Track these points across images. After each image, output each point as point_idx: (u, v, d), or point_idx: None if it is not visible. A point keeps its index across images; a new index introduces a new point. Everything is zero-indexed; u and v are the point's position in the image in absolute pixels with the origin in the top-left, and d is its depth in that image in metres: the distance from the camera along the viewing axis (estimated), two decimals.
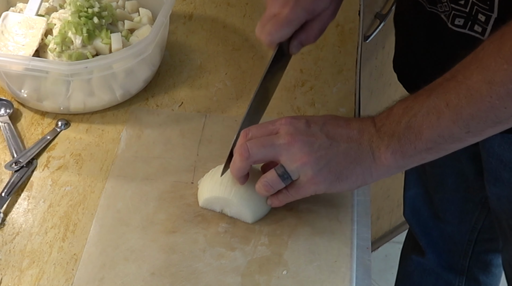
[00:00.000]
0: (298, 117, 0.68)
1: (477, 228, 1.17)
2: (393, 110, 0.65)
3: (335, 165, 0.65)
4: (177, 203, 0.74)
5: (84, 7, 0.85)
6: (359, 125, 0.66)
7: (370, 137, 0.65)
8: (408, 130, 0.63)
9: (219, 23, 1.01)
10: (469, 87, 0.58)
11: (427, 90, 0.63)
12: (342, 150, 0.65)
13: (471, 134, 0.61)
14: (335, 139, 0.66)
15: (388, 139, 0.64)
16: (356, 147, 0.65)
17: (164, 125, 0.85)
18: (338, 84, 0.90)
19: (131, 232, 0.72)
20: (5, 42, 0.85)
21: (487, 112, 0.58)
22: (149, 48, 0.82)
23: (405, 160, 0.64)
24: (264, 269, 0.68)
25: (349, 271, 0.68)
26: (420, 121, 0.62)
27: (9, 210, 0.75)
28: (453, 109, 0.60)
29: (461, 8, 0.71)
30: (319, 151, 0.65)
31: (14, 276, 0.69)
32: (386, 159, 0.64)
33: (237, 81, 0.91)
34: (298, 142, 0.65)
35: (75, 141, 0.83)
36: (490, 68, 0.57)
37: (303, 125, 0.67)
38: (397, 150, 0.63)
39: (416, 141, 0.62)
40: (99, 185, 0.77)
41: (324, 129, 0.66)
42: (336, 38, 0.98)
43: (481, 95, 0.58)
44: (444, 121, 0.60)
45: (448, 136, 0.61)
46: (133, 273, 0.68)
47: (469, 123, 0.60)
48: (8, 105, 0.87)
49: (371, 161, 0.65)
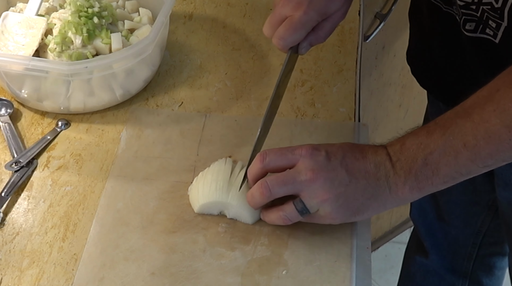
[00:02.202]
0: (318, 148, 0.67)
1: (483, 231, 1.17)
2: (406, 145, 0.65)
3: (353, 201, 0.66)
4: (177, 203, 0.74)
5: (84, 7, 0.85)
6: (375, 159, 0.66)
7: (386, 173, 0.65)
8: (425, 168, 0.63)
9: (219, 23, 1.01)
10: (487, 130, 0.60)
11: (440, 127, 0.63)
12: (361, 187, 0.66)
13: (488, 168, 0.63)
14: (354, 175, 0.66)
15: (405, 176, 0.65)
16: (374, 182, 0.66)
17: (164, 125, 0.85)
18: (338, 84, 0.90)
19: (131, 232, 0.72)
20: (5, 42, 0.85)
21: (506, 152, 0.60)
22: (149, 48, 0.82)
23: (422, 194, 0.66)
24: (264, 269, 0.68)
25: (349, 271, 0.68)
26: (437, 160, 0.63)
27: (9, 210, 0.75)
28: (471, 149, 0.61)
29: (472, 13, 0.72)
30: (339, 187, 0.65)
31: (14, 276, 0.69)
32: (403, 193, 0.65)
33: (237, 81, 0.91)
34: (320, 179, 0.65)
35: (75, 141, 0.83)
36: (508, 112, 0.58)
37: (324, 159, 0.66)
38: (415, 186, 0.65)
39: (433, 178, 0.64)
40: (99, 185, 0.77)
41: (344, 163, 0.66)
42: (336, 38, 0.98)
43: (500, 138, 0.59)
44: (462, 161, 0.62)
45: (465, 172, 0.63)
46: (133, 273, 0.68)
47: (487, 161, 0.62)
48: (8, 105, 0.87)
49: (387, 194, 0.66)
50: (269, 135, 0.80)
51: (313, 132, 0.83)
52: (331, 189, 0.65)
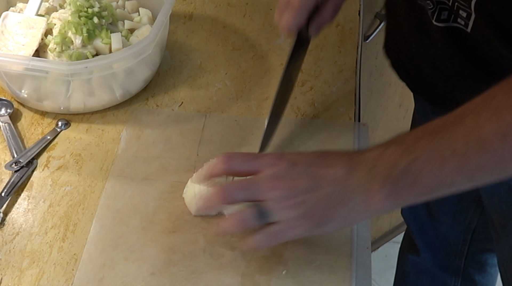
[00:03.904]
0: (282, 157, 0.64)
1: (472, 227, 1.17)
2: (388, 151, 0.61)
3: (316, 210, 0.62)
4: (177, 203, 0.74)
5: (84, 7, 0.85)
6: (347, 165, 0.62)
7: (360, 179, 0.61)
8: (405, 175, 0.59)
9: (219, 23, 1.01)
10: (480, 137, 0.56)
11: (428, 133, 0.60)
12: (325, 194, 0.62)
13: (472, 184, 0.59)
14: (319, 183, 0.62)
15: (381, 182, 0.60)
16: (341, 190, 0.61)
17: (164, 125, 0.85)
18: (338, 84, 0.90)
19: (131, 232, 0.72)
20: (5, 42, 0.85)
21: (496, 165, 0.56)
22: (149, 48, 0.82)
23: (397, 203, 0.62)
24: (264, 268, 0.68)
25: (349, 271, 0.68)
26: (421, 167, 0.58)
27: (9, 210, 0.75)
28: (460, 158, 0.57)
29: (445, 1, 0.71)
30: (300, 195, 0.62)
31: (14, 276, 0.69)
32: (379, 201, 0.61)
33: (237, 81, 0.91)
34: (280, 186, 0.62)
35: (75, 141, 0.83)
36: (505, 121, 0.55)
37: (287, 167, 0.63)
38: (391, 193, 0.60)
39: (413, 187, 0.59)
40: (99, 185, 0.77)
41: (309, 171, 0.63)
42: (336, 38, 0.98)
43: (492, 147, 0.55)
44: (448, 170, 0.58)
45: (448, 184, 0.59)
46: (133, 273, 0.68)
47: (474, 173, 0.58)
48: (8, 105, 0.87)
49: (358, 202, 0.61)
50: None
51: (313, 132, 0.83)
52: (291, 197, 0.62)
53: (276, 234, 0.63)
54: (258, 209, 0.63)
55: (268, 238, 0.64)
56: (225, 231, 0.67)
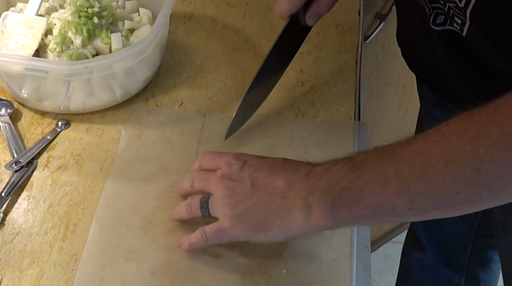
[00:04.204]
0: (239, 158, 0.67)
1: (476, 223, 1.18)
2: (336, 166, 0.60)
3: (253, 215, 0.63)
4: (176, 203, 0.74)
5: (84, 7, 0.85)
6: (291, 177, 0.63)
7: (299, 191, 0.61)
8: (346, 192, 0.58)
9: (219, 23, 1.01)
10: (424, 160, 0.54)
11: (377, 152, 0.59)
12: (263, 201, 0.63)
13: (414, 213, 0.56)
14: (258, 189, 0.64)
15: (320, 196, 0.60)
16: (278, 199, 0.62)
17: (164, 125, 0.85)
18: (338, 84, 0.90)
19: (131, 232, 0.72)
20: (5, 42, 0.85)
21: (437, 192, 0.54)
22: (149, 48, 0.82)
23: (335, 222, 0.60)
24: (264, 268, 0.68)
25: (349, 270, 0.68)
26: (363, 185, 0.57)
27: (9, 210, 0.75)
28: (402, 180, 0.55)
29: (441, 6, 0.71)
30: (239, 196, 0.65)
31: (14, 276, 0.69)
32: (316, 217, 0.60)
33: (237, 81, 0.91)
34: (223, 185, 0.66)
35: (75, 141, 0.83)
36: (451, 146, 0.52)
37: (237, 168, 0.66)
38: (329, 210, 0.59)
39: (352, 205, 0.58)
40: (99, 185, 0.77)
41: (254, 175, 0.65)
42: (336, 38, 0.98)
43: (435, 172, 0.53)
44: (389, 191, 0.56)
45: (389, 208, 0.57)
46: (133, 272, 0.68)
47: (415, 199, 0.55)
48: (8, 105, 0.87)
49: (296, 215, 0.61)
50: (269, 135, 0.80)
51: (313, 132, 0.83)
52: (230, 196, 0.65)
53: (215, 231, 0.66)
54: (202, 199, 0.68)
55: (206, 235, 0.67)
56: (173, 215, 0.72)
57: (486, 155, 0.50)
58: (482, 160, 0.50)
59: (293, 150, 0.80)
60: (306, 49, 0.95)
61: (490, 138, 0.50)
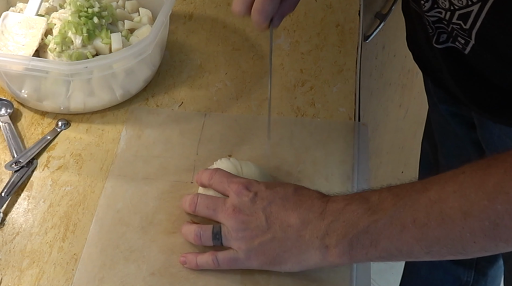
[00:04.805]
0: (249, 187, 0.66)
1: None
2: (351, 206, 0.61)
3: (269, 250, 0.64)
4: (177, 203, 0.74)
5: (84, 7, 0.85)
6: (306, 215, 0.63)
7: (315, 231, 0.62)
8: (364, 235, 0.59)
9: (219, 23, 1.01)
10: (442, 210, 0.55)
11: (393, 195, 0.59)
12: (278, 237, 0.63)
13: (430, 256, 0.58)
14: (273, 225, 0.63)
15: (337, 240, 0.60)
16: (293, 237, 0.63)
17: (164, 125, 0.85)
18: (338, 84, 0.90)
19: (131, 232, 0.72)
20: (5, 42, 0.85)
21: (455, 241, 0.55)
22: (149, 48, 0.82)
23: (351, 261, 0.62)
24: None
25: (349, 270, 0.68)
26: (380, 230, 0.58)
27: (9, 210, 0.75)
28: (420, 228, 0.56)
29: (444, 27, 0.72)
30: (254, 231, 0.64)
31: (14, 276, 0.69)
32: (332, 256, 0.61)
33: (237, 81, 0.91)
34: (236, 218, 0.65)
35: (75, 141, 0.83)
36: (469, 198, 0.53)
37: (249, 200, 0.65)
38: (346, 252, 0.60)
39: (369, 248, 0.59)
40: (99, 184, 0.77)
41: (268, 210, 0.64)
42: (336, 38, 0.98)
43: (453, 222, 0.54)
44: (407, 237, 0.57)
45: (406, 252, 0.58)
46: (133, 273, 0.68)
47: (432, 246, 0.56)
48: (8, 105, 0.87)
49: (312, 254, 0.62)
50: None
51: (313, 132, 0.83)
52: (244, 230, 0.64)
53: (229, 260, 0.66)
54: (215, 230, 0.67)
55: (219, 261, 0.66)
56: (184, 235, 0.70)
57: (504, 211, 0.52)
58: (500, 215, 0.52)
59: (293, 149, 0.80)
60: (306, 49, 0.95)
61: (508, 195, 0.51)
